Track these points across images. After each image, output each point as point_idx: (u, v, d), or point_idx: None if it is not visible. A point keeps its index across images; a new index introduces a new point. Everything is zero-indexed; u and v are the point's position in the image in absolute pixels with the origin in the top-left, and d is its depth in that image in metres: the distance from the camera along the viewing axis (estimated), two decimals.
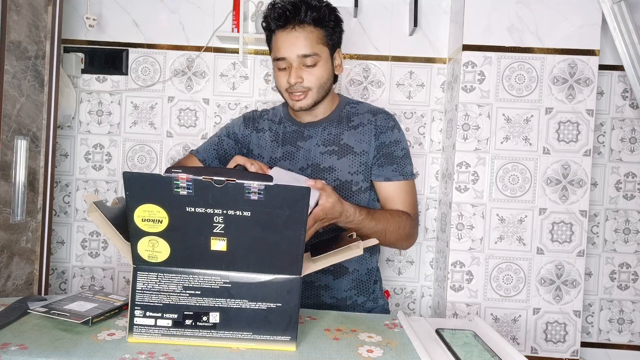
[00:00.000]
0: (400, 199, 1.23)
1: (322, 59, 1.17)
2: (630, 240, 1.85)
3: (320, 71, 1.17)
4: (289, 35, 1.15)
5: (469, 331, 0.87)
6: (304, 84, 1.16)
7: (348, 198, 1.21)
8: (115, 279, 1.91)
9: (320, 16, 1.16)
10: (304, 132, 1.26)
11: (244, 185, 0.70)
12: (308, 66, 1.16)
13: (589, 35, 1.62)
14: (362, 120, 1.25)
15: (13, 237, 1.43)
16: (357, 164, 1.22)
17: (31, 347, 0.72)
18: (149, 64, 1.88)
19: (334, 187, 1.20)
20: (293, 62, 1.16)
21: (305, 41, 1.15)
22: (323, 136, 1.24)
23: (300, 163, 1.23)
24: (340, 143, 1.23)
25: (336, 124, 1.25)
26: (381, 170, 1.23)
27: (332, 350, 0.77)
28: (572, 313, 1.65)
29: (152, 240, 0.74)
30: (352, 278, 1.25)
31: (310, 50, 1.15)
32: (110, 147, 1.90)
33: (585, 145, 1.63)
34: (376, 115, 1.26)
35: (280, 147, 1.26)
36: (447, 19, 1.84)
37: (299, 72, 1.16)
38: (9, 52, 1.37)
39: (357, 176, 1.22)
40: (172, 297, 0.76)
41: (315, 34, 1.16)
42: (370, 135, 1.23)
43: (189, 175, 0.70)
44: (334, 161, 1.22)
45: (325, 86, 1.20)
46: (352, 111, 1.27)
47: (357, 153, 1.23)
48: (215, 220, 0.73)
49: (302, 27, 1.15)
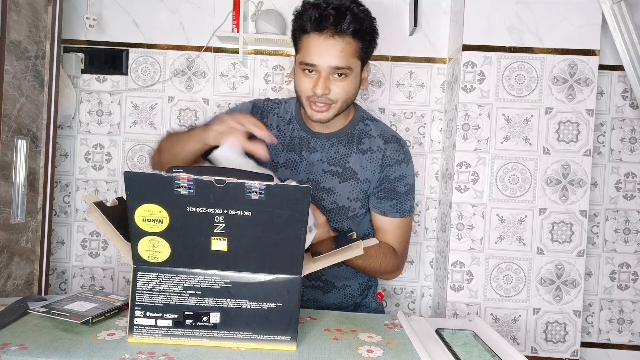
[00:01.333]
0: (391, 234, 1.20)
1: (354, 73, 1.08)
2: (630, 240, 1.85)
3: (349, 85, 1.08)
4: (325, 43, 1.04)
5: (469, 331, 0.87)
6: (330, 96, 1.07)
7: (342, 222, 1.18)
8: (115, 279, 1.91)
9: (362, 28, 1.06)
10: (310, 142, 1.18)
11: (245, 185, 0.70)
12: (337, 79, 1.06)
13: (589, 35, 1.62)
14: (372, 145, 1.18)
15: (13, 237, 1.43)
16: (357, 191, 1.17)
17: (31, 347, 0.72)
18: (149, 64, 1.88)
19: (330, 209, 1.16)
20: (323, 71, 1.05)
21: (342, 53, 1.04)
22: (330, 154, 1.17)
23: (301, 175, 1.18)
24: (346, 166, 1.17)
25: (345, 143, 1.18)
26: (379, 203, 1.18)
27: (332, 350, 0.77)
28: (572, 313, 1.65)
29: (153, 240, 0.74)
30: (343, 294, 1.24)
31: (344, 63, 1.05)
32: (110, 147, 1.90)
33: (585, 145, 1.63)
34: (387, 144, 1.18)
35: (283, 153, 1.19)
36: (447, 19, 1.84)
37: (327, 83, 1.06)
38: (9, 52, 1.37)
39: (356, 203, 1.17)
40: (173, 297, 0.76)
41: (353, 46, 1.06)
42: (377, 165, 1.17)
43: (189, 175, 0.70)
44: (335, 184, 1.16)
45: (350, 101, 1.12)
46: (364, 130, 1.20)
47: (359, 180, 1.17)
48: (215, 220, 0.73)
49: (342, 36, 1.04)
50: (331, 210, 1.16)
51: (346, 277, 1.23)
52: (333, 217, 1.17)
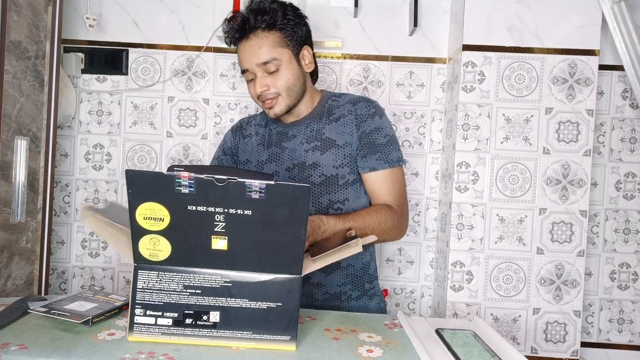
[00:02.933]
0: (386, 190, 1.20)
1: (284, 62, 1.15)
2: (630, 240, 1.85)
3: (286, 74, 1.16)
4: (246, 46, 1.15)
5: (469, 331, 0.87)
6: (271, 91, 1.16)
7: (335, 192, 1.20)
8: (115, 279, 1.91)
9: (272, 19, 1.13)
10: (288, 133, 1.25)
11: (245, 184, 0.70)
12: (271, 72, 1.15)
13: (589, 35, 1.62)
14: (343, 111, 1.23)
15: (13, 237, 1.43)
16: (340, 156, 1.20)
17: (31, 347, 0.72)
18: (149, 64, 1.88)
19: (320, 182, 1.20)
20: (256, 71, 1.15)
21: (260, 49, 1.13)
22: (306, 133, 1.23)
23: (286, 164, 1.22)
24: (322, 138, 1.21)
25: (317, 119, 1.24)
26: (365, 161, 1.20)
27: (332, 350, 0.77)
28: (572, 313, 1.65)
29: (154, 238, 0.74)
30: (346, 273, 1.24)
31: (268, 57, 1.13)
32: (110, 147, 1.90)
33: (585, 145, 1.63)
34: (356, 104, 1.23)
35: (266, 150, 1.26)
36: (447, 19, 1.84)
37: (264, 81, 1.15)
38: (9, 52, 1.37)
39: (343, 169, 1.20)
40: (173, 296, 0.76)
41: (271, 39, 1.14)
42: (352, 125, 1.21)
43: (190, 174, 0.70)
44: (317, 157, 1.20)
45: (295, 88, 1.18)
46: (333, 104, 1.26)
47: (339, 146, 1.20)
48: (216, 219, 0.73)
49: (256, 34, 1.13)
50: (321, 183, 1.20)
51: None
52: (325, 190, 1.20)
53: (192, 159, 1.89)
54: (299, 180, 1.21)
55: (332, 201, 1.20)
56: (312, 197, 1.21)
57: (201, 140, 1.88)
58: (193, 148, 1.89)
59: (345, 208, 1.21)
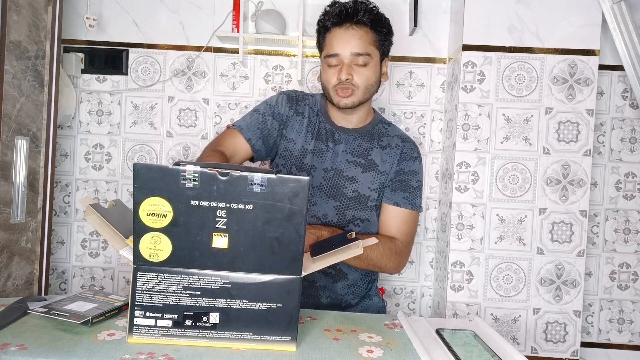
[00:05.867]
0: (399, 227, 1.24)
1: (373, 61, 1.20)
2: (630, 240, 1.85)
3: (369, 72, 1.20)
4: (345, 33, 1.19)
5: (469, 331, 0.87)
6: (353, 82, 1.19)
7: (362, 210, 1.24)
8: (115, 279, 1.91)
9: (376, 19, 1.20)
10: (335, 135, 1.27)
11: (248, 177, 0.71)
12: (359, 65, 1.19)
13: (589, 35, 1.62)
14: (391, 143, 1.28)
15: (13, 237, 1.43)
16: (377, 182, 1.25)
17: (31, 347, 0.72)
18: (149, 64, 1.88)
19: (352, 197, 1.23)
20: (345, 59, 1.18)
21: (360, 40, 1.18)
22: (353, 146, 1.26)
23: (326, 163, 1.25)
24: (368, 158, 1.26)
25: (367, 139, 1.27)
26: (393, 194, 1.25)
27: (332, 351, 0.77)
28: (572, 313, 1.65)
29: (155, 237, 0.74)
30: (349, 283, 1.27)
31: (363, 50, 1.18)
32: (110, 147, 1.90)
33: (585, 145, 1.63)
34: (405, 142, 1.29)
35: (313, 140, 1.26)
36: (447, 19, 1.84)
37: (350, 70, 1.18)
38: (9, 52, 1.37)
39: (374, 193, 1.25)
40: (172, 298, 0.76)
41: (370, 36, 1.20)
42: (395, 159, 1.26)
43: (195, 167, 0.71)
44: (357, 173, 1.24)
45: (371, 89, 1.22)
46: (383, 131, 1.30)
47: (380, 172, 1.25)
48: (218, 215, 0.73)
49: (359, 26, 1.19)
50: (353, 198, 1.23)
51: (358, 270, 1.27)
52: (354, 205, 1.23)
53: (192, 159, 1.89)
54: (332, 185, 1.24)
55: (355, 217, 1.24)
56: (339, 209, 1.24)
57: (201, 140, 1.88)
58: (193, 148, 1.89)
59: (363, 226, 1.25)
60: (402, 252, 1.23)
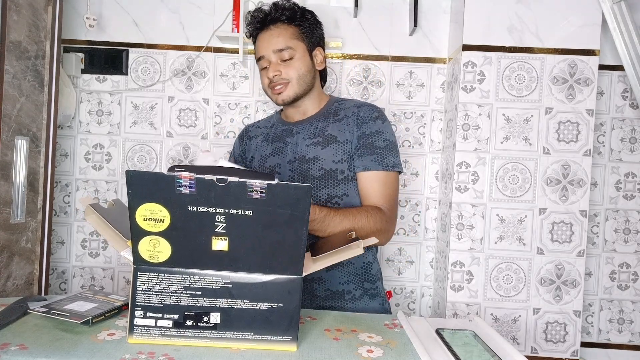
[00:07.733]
0: (377, 191, 1.20)
1: (299, 53, 1.25)
2: (630, 240, 1.85)
3: (298, 64, 1.24)
4: (265, 35, 1.26)
5: (469, 331, 0.87)
6: (283, 76, 1.23)
7: (334, 187, 1.22)
8: (115, 279, 1.91)
9: (292, 14, 1.25)
10: (292, 130, 1.30)
11: (246, 184, 0.70)
12: (285, 60, 1.23)
13: (589, 35, 1.62)
14: (347, 113, 1.28)
15: (13, 237, 1.43)
16: (340, 152, 1.23)
17: (31, 347, 0.72)
18: (149, 64, 1.88)
19: (319, 176, 1.22)
20: (271, 58, 1.24)
21: (279, 37, 1.24)
22: (310, 130, 1.28)
23: (288, 157, 1.26)
24: (325, 134, 1.26)
25: (323, 119, 1.29)
26: (361, 160, 1.22)
27: (333, 350, 0.77)
28: (572, 313, 1.65)
29: (154, 240, 0.74)
30: (347, 271, 1.23)
31: (284, 45, 1.23)
32: (110, 147, 1.90)
33: (585, 145, 1.63)
34: (360, 107, 1.28)
35: (269, 145, 1.31)
36: (447, 19, 1.84)
37: (277, 67, 1.24)
38: (9, 52, 1.37)
39: (342, 164, 1.23)
40: (173, 298, 0.76)
41: (290, 31, 1.25)
42: (353, 125, 1.25)
43: (191, 174, 0.70)
44: (317, 151, 1.24)
45: (305, 78, 1.25)
46: (339, 107, 1.31)
47: (340, 142, 1.24)
48: (217, 220, 0.73)
49: (276, 25, 1.25)
50: (320, 177, 1.23)
51: None
52: (324, 183, 1.23)
53: (192, 159, 1.89)
54: (299, 173, 1.24)
55: (331, 195, 1.22)
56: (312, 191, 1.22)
57: (201, 140, 1.88)
58: (193, 148, 1.89)
59: (343, 203, 1.22)
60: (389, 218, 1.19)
